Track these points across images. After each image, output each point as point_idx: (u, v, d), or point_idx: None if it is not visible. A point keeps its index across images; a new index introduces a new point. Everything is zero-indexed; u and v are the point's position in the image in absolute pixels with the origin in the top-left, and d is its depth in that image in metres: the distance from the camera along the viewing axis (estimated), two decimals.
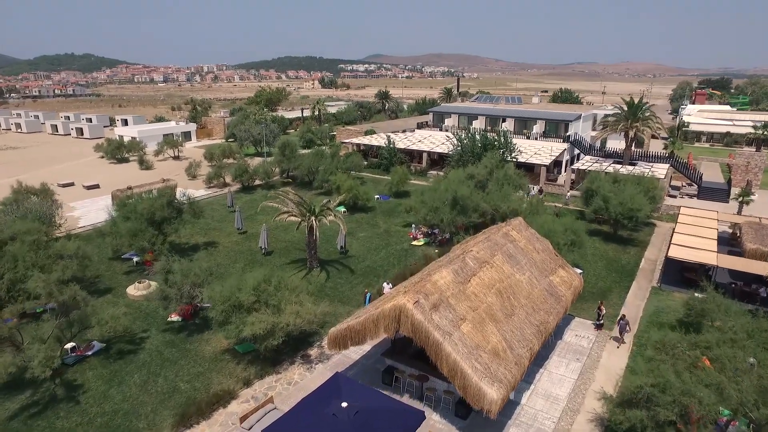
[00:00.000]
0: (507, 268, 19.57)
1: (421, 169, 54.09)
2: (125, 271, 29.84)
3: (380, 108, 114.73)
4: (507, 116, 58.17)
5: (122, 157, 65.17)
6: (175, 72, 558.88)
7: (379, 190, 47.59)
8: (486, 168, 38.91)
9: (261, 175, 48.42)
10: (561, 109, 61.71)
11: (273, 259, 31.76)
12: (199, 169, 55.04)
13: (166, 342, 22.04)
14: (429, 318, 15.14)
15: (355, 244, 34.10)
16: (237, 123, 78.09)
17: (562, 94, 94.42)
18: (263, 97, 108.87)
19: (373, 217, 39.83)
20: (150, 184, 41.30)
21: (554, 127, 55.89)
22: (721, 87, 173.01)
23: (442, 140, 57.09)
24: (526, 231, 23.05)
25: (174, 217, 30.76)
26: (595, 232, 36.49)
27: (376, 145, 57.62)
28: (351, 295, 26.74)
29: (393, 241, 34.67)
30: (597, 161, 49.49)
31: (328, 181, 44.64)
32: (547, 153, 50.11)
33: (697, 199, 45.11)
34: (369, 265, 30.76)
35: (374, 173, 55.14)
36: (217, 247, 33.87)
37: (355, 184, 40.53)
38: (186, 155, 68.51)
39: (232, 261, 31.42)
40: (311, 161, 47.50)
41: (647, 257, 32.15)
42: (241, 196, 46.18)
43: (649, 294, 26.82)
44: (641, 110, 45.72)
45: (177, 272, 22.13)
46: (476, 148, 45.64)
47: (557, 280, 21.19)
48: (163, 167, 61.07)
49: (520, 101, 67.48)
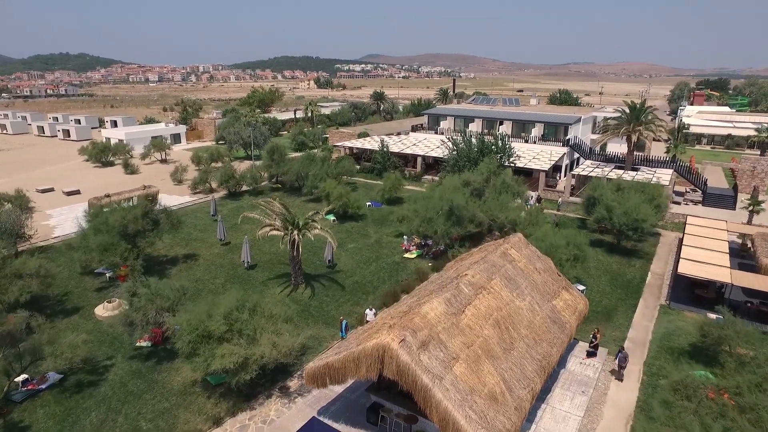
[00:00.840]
0: (506, 293, 17.67)
1: (415, 174, 52.20)
2: (97, 287, 27.82)
3: (375, 109, 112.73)
4: (504, 119, 56.32)
5: (107, 160, 63.01)
6: (170, 72, 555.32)
7: (371, 196, 45.67)
8: (483, 175, 37.03)
9: (248, 181, 46.43)
10: (560, 112, 59.93)
11: (256, 273, 29.79)
12: (186, 174, 53.01)
13: (132, 371, 20.05)
14: (417, 359, 13.23)
15: (344, 256, 32.15)
16: (227, 125, 76.07)
17: (561, 95, 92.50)
18: (256, 98, 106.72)
19: (364, 227, 37.90)
20: (129, 191, 39.25)
21: (553, 131, 54.06)
22: (719, 88, 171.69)
23: (437, 144, 55.21)
24: (526, 249, 21.15)
25: (149, 230, 28.72)
26: (597, 242, 34.66)
27: (369, 148, 55.69)
28: (337, 315, 24.78)
29: (384, 253, 32.74)
30: (598, 166, 47.69)
31: (317, 187, 42.67)
32: (547, 157, 48.27)
33: (702, 206, 43.34)
34: (358, 280, 28.82)
35: (367, 178, 53.22)
36: (197, 260, 31.87)
37: (345, 191, 38.59)
38: (174, 158, 66.49)
39: (212, 276, 29.44)
40: (300, 166, 45.52)
41: (654, 271, 30.30)
42: (226, 203, 44.17)
43: (658, 313, 24.96)
44: (644, 113, 43.91)
45: (142, 296, 20.11)
46: (472, 153, 43.76)
47: (561, 304, 19.31)
48: (150, 171, 58.99)
49: (518, 103, 65.65)
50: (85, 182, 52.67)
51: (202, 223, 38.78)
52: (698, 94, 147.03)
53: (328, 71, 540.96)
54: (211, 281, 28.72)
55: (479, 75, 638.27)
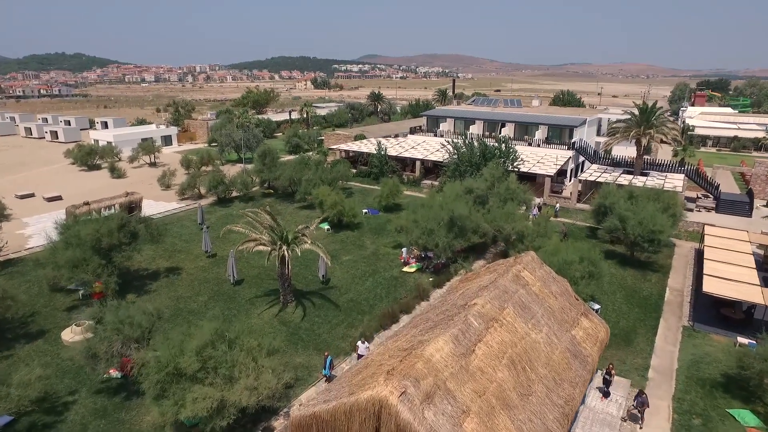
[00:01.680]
0: (520, 325, 15.43)
1: (414, 179, 49.96)
2: (68, 306, 25.49)
3: (372, 110, 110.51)
4: (507, 121, 54.13)
5: (93, 163, 60.60)
6: (167, 72, 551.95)
7: (367, 202, 43.41)
8: (486, 181, 34.79)
9: (238, 187, 44.08)
10: (564, 113, 57.75)
11: (242, 290, 27.48)
12: (174, 178, 50.64)
13: (96, 410, 17.73)
14: (420, 417, 10.98)
15: (339, 270, 29.86)
16: (220, 126, 73.72)
17: (564, 96, 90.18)
18: (250, 99, 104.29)
19: (360, 236, 35.62)
20: (110, 199, 36.87)
21: (558, 133, 51.90)
22: (720, 89, 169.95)
23: (436, 147, 52.99)
24: (540, 269, 18.92)
25: (126, 243, 26.37)
26: (609, 253, 32.45)
27: (365, 152, 53.43)
28: (330, 338, 22.53)
29: (381, 267, 30.46)
30: (605, 171, 45.53)
31: (311, 193, 40.38)
32: (552, 162, 46.10)
33: (716, 212, 41.22)
34: (353, 298, 26.54)
35: (363, 182, 50.96)
36: (180, 274, 29.53)
37: (340, 198, 36.31)
38: (164, 161, 64.10)
39: (194, 293, 27.11)
40: (293, 171, 43.22)
41: (672, 286, 28.12)
42: (215, 211, 41.84)
43: (682, 336, 22.77)
44: (654, 116, 41.77)
45: (108, 324, 17.78)
46: (474, 158, 41.54)
47: (580, 334, 17.08)
48: (137, 175, 56.60)
49: (520, 104, 63.48)
50: (68, 187, 50.26)
51: (188, 233, 36.44)
52: (699, 94, 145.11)
53: (325, 71, 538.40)
54: (193, 299, 26.39)
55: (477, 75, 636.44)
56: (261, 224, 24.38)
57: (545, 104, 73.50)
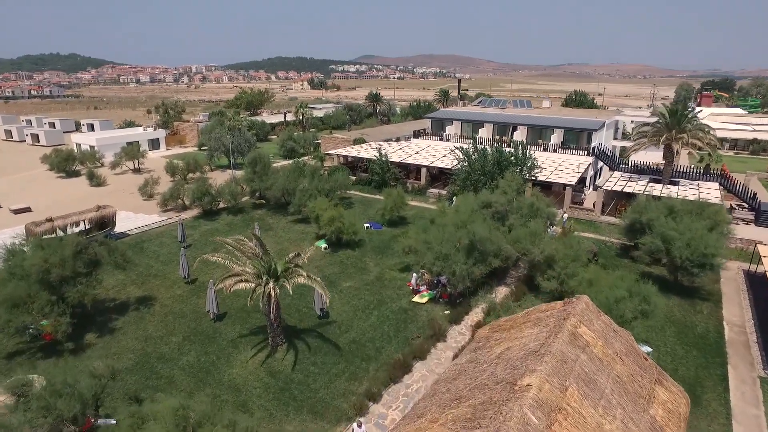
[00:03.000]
0: (588, 411, 11.25)
1: (419, 187, 45.78)
2: (12, 350, 21.22)
3: (371, 111, 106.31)
4: (518, 124, 50.01)
5: (72, 170, 56.24)
6: (162, 73, 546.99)
7: (369, 215, 39.22)
8: (506, 194, 30.62)
9: (226, 197, 39.77)
10: (579, 115, 53.61)
11: (224, 327, 23.24)
12: (157, 187, 46.35)
13: None
14: None
15: (338, 300, 25.65)
16: (210, 129, 69.43)
17: (576, 97, 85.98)
18: (244, 100, 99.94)
19: (361, 257, 31.40)
20: (79, 214, 32.57)
21: (575, 137, 47.82)
22: (725, 88, 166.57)
23: (443, 151, 48.85)
24: (598, 321, 14.73)
25: (84, 274, 22.10)
26: (645, 275, 28.28)
27: (366, 157, 49.23)
28: (328, 396, 18.32)
29: (388, 296, 26.24)
30: (629, 179, 41.43)
31: (306, 205, 36.19)
32: (571, 169, 41.99)
33: (756, 225, 37.14)
34: (355, 337, 22.32)
35: (364, 191, 46.74)
36: (153, 305, 25.28)
37: (339, 213, 32.09)
38: (150, 167, 59.82)
39: (167, 331, 22.87)
40: (287, 181, 38.97)
41: (729, 320, 23.98)
42: (199, 225, 37.56)
43: (762, 392, 18.62)
44: (687, 118, 37.71)
45: (34, 399, 13.51)
46: (488, 166, 37.38)
47: (660, 412, 12.91)
48: (119, 183, 52.27)
49: (530, 105, 59.38)
50: (41, 197, 45.96)
51: (167, 252, 32.16)
52: (706, 95, 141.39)
53: (322, 72, 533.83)
54: (165, 340, 22.14)
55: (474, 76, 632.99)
56: (244, 253, 20.14)
57: (555, 105, 69.45)
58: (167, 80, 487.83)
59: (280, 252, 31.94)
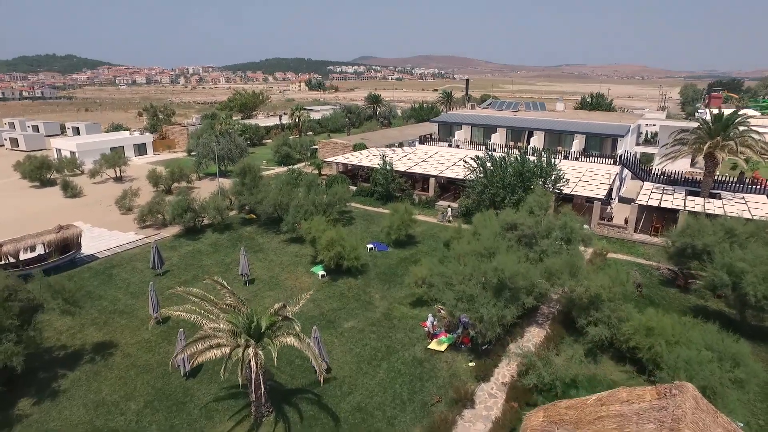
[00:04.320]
0: None
1: (427, 199, 41.31)
2: None
3: (371, 114, 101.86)
4: (535, 128, 45.57)
5: (47, 178, 51.65)
6: (159, 74, 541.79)
7: (372, 233, 34.77)
8: (536, 216, 26.17)
9: (210, 214, 35.22)
10: (601, 119, 49.06)
11: (197, 386, 18.74)
12: (137, 198, 41.84)
13: None
14: None
15: (339, 346, 21.20)
16: (201, 133, 64.87)
17: (593, 99, 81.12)
18: (237, 102, 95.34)
19: (365, 286, 26.91)
20: (36, 236, 28.01)
21: (598, 143, 43.41)
22: (733, 89, 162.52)
23: (452, 159, 44.41)
24: (714, 424, 10.29)
25: (14, 327, 17.48)
26: (699, 310, 23.96)
27: (367, 166, 44.75)
28: None
29: (398, 341, 21.76)
30: (662, 191, 37.03)
31: (302, 222, 31.75)
32: (597, 180, 37.58)
33: None
34: (360, 402, 17.83)
35: (365, 203, 42.26)
36: (113, 355, 20.76)
37: (339, 235, 27.59)
38: (133, 175, 55.26)
39: (126, 393, 18.35)
40: (279, 194, 34.47)
41: None
42: (180, 245, 33.04)
43: None
44: (733, 123, 33.36)
45: None
46: (508, 177, 32.95)
47: None
48: (97, 193, 47.68)
49: (544, 108, 54.96)
50: (5, 210, 41.36)
51: (139, 281, 27.62)
52: (715, 95, 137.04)
53: (320, 73, 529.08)
54: (121, 407, 17.62)
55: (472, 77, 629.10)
56: (216, 305, 15.64)
57: (569, 108, 65.03)
58: (164, 81, 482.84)
59: (270, 281, 27.47)
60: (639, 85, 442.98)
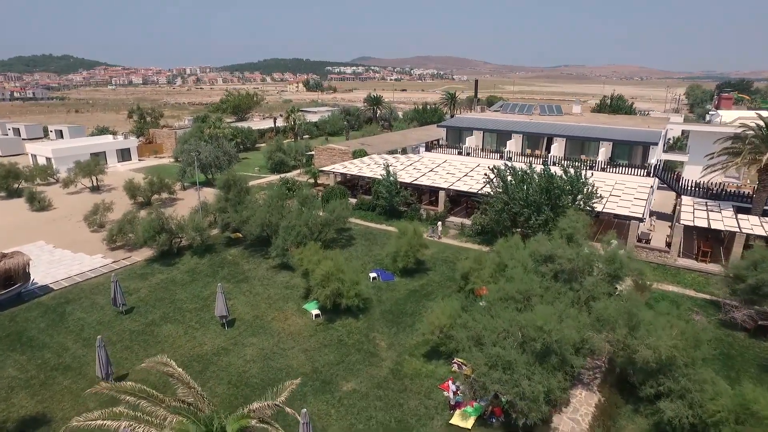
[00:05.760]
0: None
1: (436, 215, 36.66)
2: None
3: (371, 116, 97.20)
4: (555, 135, 40.91)
5: (15, 188, 46.91)
6: (155, 74, 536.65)
7: (375, 256, 30.12)
8: (575, 245, 21.52)
9: (189, 234, 30.52)
10: (629, 124, 44.29)
11: None
12: (111, 213, 37.19)
13: None
14: None
15: (335, 422, 16.53)
16: (188, 137, 60.17)
17: (612, 101, 75.90)
18: (230, 103, 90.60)
19: (368, 330, 22.24)
20: None
21: (626, 152, 38.83)
22: (742, 90, 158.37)
23: (463, 168, 39.78)
24: None
25: None
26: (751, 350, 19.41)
27: (369, 176, 40.10)
28: None
29: (410, 411, 17.09)
30: (706, 207, 32.42)
31: (292, 248, 27.11)
32: (630, 194, 32.99)
33: None
34: None
35: (366, 219, 37.61)
36: None
37: (337, 267, 22.92)
38: (113, 184, 50.49)
39: None
40: (267, 213, 29.81)
41: None
42: (152, 272, 28.34)
43: None
44: None
45: None
46: (533, 194, 28.30)
47: None
48: (69, 206, 42.94)
49: (560, 111, 50.32)
50: None
51: (95, 323, 22.93)
52: (725, 97, 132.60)
53: (318, 74, 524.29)
54: None
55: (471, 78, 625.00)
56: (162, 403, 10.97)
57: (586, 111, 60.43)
58: (160, 82, 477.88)
59: (254, 322, 22.76)
60: (639, 85, 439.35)
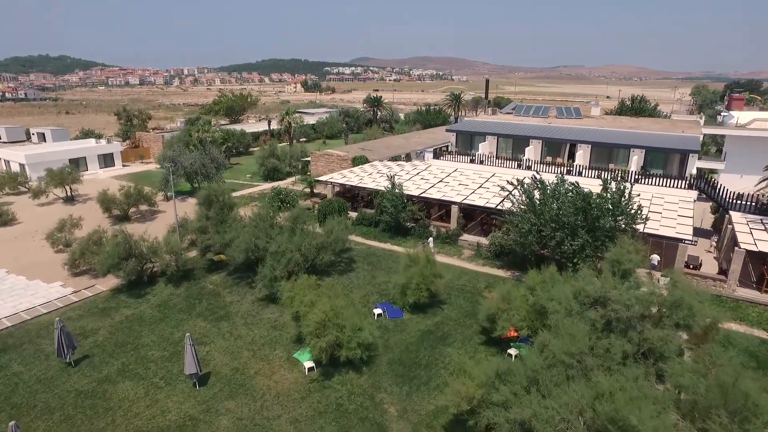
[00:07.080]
0: None
1: (447, 232, 32.28)
2: None
3: (371, 117, 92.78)
4: (578, 140, 36.58)
5: None
6: (152, 75, 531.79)
7: (379, 285, 25.72)
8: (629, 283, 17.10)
9: (162, 260, 26.06)
10: (660, 129, 39.81)
11: None
12: (79, 229, 32.83)
13: None
14: None
15: None
16: (175, 142, 55.77)
17: (634, 102, 71.00)
18: (223, 105, 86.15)
19: (373, 389, 17.83)
20: None
21: (661, 160, 34.53)
22: (752, 90, 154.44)
23: (476, 179, 35.45)
24: None
25: None
26: None
27: (371, 188, 35.71)
28: None
29: None
30: (761, 225, 28.08)
31: (280, 280, 22.72)
32: (671, 210, 28.64)
33: None
34: None
35: (368, 236, 33.24)
36: None
37: (333, 309, 18.50)
38: (90, 193, 45.99)
39: None
40: (254, 235, 25.39)
41: None
42: (116, 306, 23.91)
43: None
44: None
45: None
46: (566, 215, 23.90)
47: None
48: (36, 220, 38.49)
49: (580, 114, 45.94)
50: None
51: (33, 380, 18.48)
52: (737, 97, 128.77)
53: (317, 74, 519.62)
54: None
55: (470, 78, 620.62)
56: None
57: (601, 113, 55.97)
58: (157, 82, 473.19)
59: (232, 378, 18.27)
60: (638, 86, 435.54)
